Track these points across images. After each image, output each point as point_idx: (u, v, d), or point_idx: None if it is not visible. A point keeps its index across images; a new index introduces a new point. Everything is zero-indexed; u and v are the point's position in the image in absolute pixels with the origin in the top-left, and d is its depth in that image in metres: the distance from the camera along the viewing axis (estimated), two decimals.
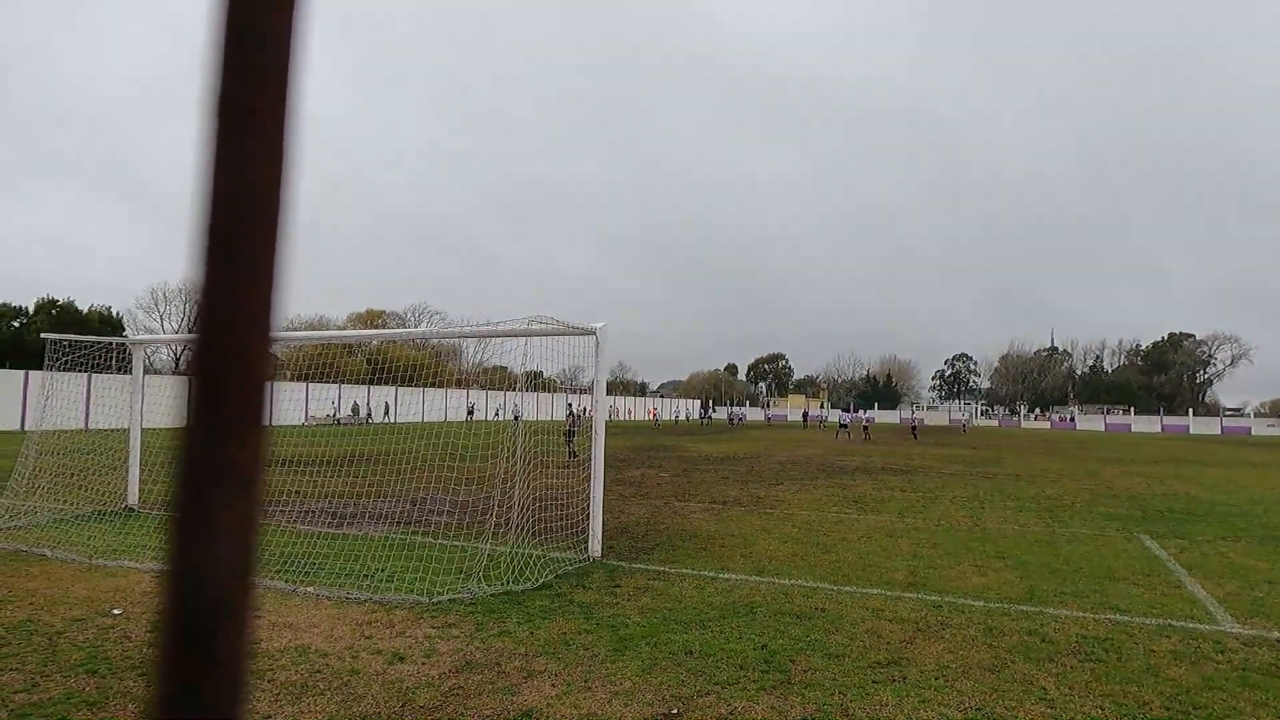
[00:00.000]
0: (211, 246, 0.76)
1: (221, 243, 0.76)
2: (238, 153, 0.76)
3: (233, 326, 0.76)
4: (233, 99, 0.76)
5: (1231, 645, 6.39)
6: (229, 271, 0.76)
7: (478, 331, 10.96)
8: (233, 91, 0.76)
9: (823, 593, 7.82)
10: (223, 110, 0.76)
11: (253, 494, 0.77)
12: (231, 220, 0.76)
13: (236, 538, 0.76)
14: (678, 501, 14.85)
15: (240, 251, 0.76)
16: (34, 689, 4.96)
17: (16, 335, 52.14)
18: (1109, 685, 5.43)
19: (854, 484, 18.93)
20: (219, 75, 0.76)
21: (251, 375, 0.77)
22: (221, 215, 0.76)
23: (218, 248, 0.76)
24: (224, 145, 0.76)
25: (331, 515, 11.87)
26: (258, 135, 0.77)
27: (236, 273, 0.76)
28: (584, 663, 5.65)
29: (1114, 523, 13.09)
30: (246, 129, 0.76)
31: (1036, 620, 7.01)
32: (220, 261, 0.76)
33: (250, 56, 0.76)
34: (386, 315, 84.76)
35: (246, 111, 0.76)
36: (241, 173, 0.76)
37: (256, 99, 0.77)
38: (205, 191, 0.76)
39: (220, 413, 0.76)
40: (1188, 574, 9.07)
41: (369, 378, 44.78)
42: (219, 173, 0.76)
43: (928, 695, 5.17)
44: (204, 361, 0.76)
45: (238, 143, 0.76)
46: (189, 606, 0.75)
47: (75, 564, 8.40)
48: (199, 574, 0.75)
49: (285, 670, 5.38)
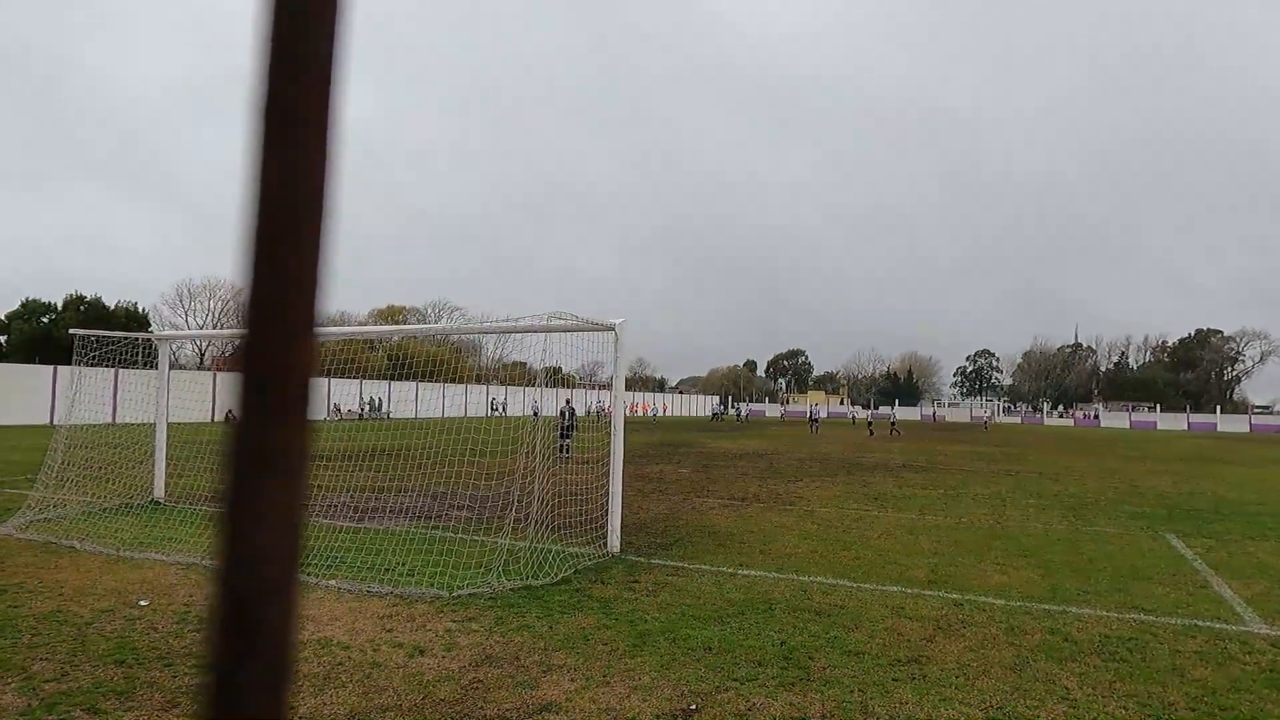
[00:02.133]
0: (261, 243, 0.78)
1: (270, 239, 0.79)
2: (285, 152, 0.79)
3: (281, 321, 0.79)
4: (280, 99, 0.79)
5: (1259, 646, 6.29)
6: (278, 267, 0.79)
7: (499, 327, 11.01)
8: (280, 92, 0.79)
9: (842, 589, 7.79)
10: (270, 111, 0.79)
11: (299, 481, 0.81)
12: (279, 217, 0.79)
13: (283, 522, 0.79)
14: (696, 497, 14.84)
15: (288, 247, 0.79)
16: (63, 678, 5.06)
17: (46, 331, 53.04)
18: (1133, 685, 5.36)
19: (874, 481, 18.83)
20: (266, 76, 0.79)
21: (298, 368, 0.80)
22: (270, 212, 0.79)
23: (267, 244, 0.79)
24: (271, 145, 0.79)
25: (353, 509, 11.98)
26: (304, 135, 0.79)
27: (285, 268, 0.79)
28: (603, 657, 5.67)
29: (1139, 521, 12.92)
30: (293, 128, 0.79)
31: (1059, 619, 6.94)
32: (269, 257, 0.79)
33: (297, 58, 0.79)
34: (407, 311, 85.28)
35: (293, 112, 0.79)
36: (289, 172, 0.79)
37: (302, 99, 0.79)
38: (254, 190, 0.79)
39: (268, 404, 0.79)
40: (1214, 573, 8.94)
41: (390, 373, 45.10)
42: (267, 172, 0.79)
43: (948, 693, 5.14)
44: (253, 355, 0.79)
45: (285, 142, 0.79)
46: (239, 587, 0.78)
47: (103, 556, 8.54)
48: (248, 556, 0.78)
49: (308, 663, 5.44)
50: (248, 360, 0.78)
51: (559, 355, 10.69)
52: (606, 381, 10.43)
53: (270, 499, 0.78)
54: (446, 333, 23.20)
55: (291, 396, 0.79)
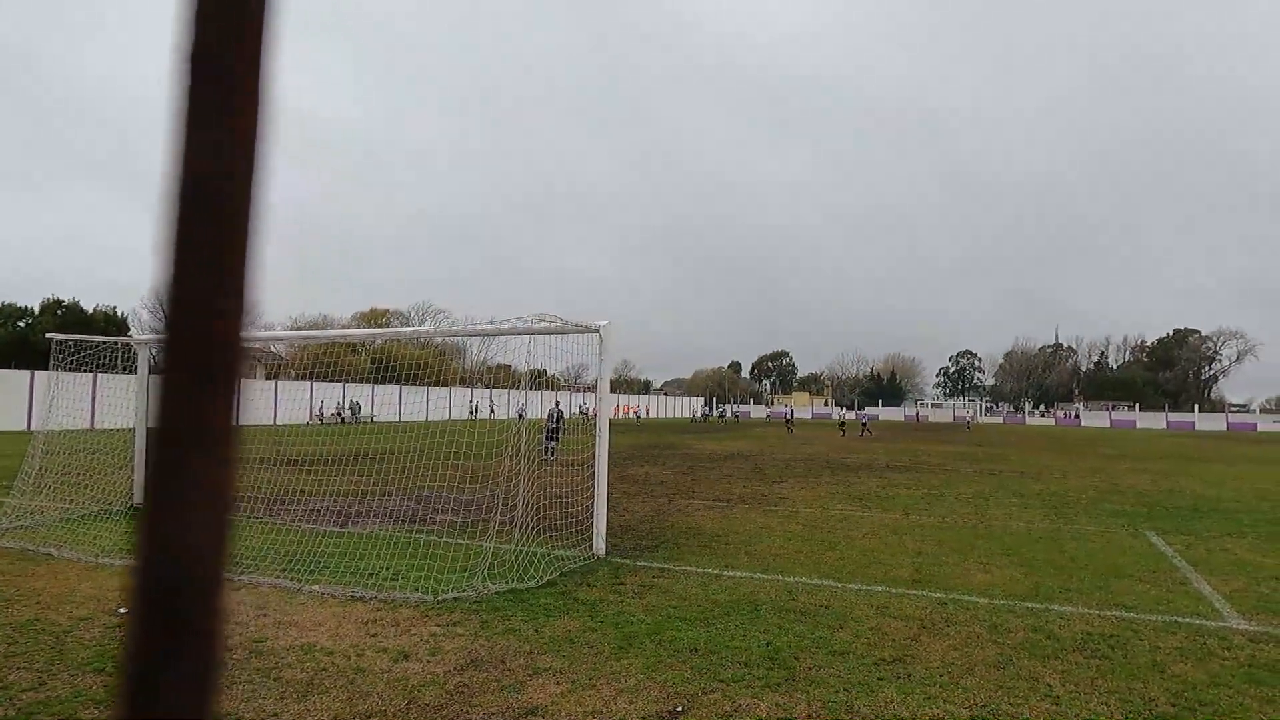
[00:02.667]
0: (186, 201, 0.73)
1: (197, 198, 0.73)
2: (214, 118, 0.74)
3: (208, 284, 0.73)
4: (209, 61, 0.74)
5: (1238, 641, 6.37)
6: (205, 227, 0.73)
7: (483, 330, 10.97)
8: (207, 46, 0.74)
9: (827, 590, 7.82)
10: (198, 73, 0.74)
11: (228, 462, 0.75)
12: (207, 176, 0.74)
13: (212, 506, 0.74)
14: (682, 499, 14.85)
15: (217, 206, 0.74)
16: (41, 687, 4.98)
17: (23, 335, 52.28)
18: (1114, 682, 5.42)
19: (858, 481, 18.92)
20: (193, 29, 0.74)
21: (226, 334, 0.74)
22: (197, 170, 0.73)
23: (193, 203, 0.73)
24: (199, 111, 0.74)
25: (336, 514, 11.89)
26: (235, 100, 0.74)
27: (212, 228, 0.74)
28: (589, 660, 5.66)
29: (1119, 519, 13.06)
30: (223, 94, 0.74)
31: (1042, 617, 6.99)
32: (196, 217, 0.73)
33: (227, 10, 0.74)
34: (391, 314, 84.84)
35: (222, 67, 0.74)
36: (217, 127, 0.74)
37: (233, 54, 0.74)
38: (179, 147, 0.73)
39: (194, 373, 0.73)
40: (1193, 570, 9.05)
41: (373, 376, 44.82)
42: (194, 139, 0.73)
43: (933, 692, 5.16)
44: (178, 329, 0.73)
45: (214, 108, 0.74)
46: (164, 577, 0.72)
47: (82, 563, 8.42)
48: (173, 536, 0.72)
49: (291, 669, 5.39)
50: (172, 334, 0.72)
51: (544, 358, 10.66)
52: (591, 384, 10.41)
53: (198, 481, 0.72)
54: (430, 335, 23.07)
55: (220, 372, 0.73)
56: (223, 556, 0.75)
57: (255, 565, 8.27)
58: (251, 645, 5.86)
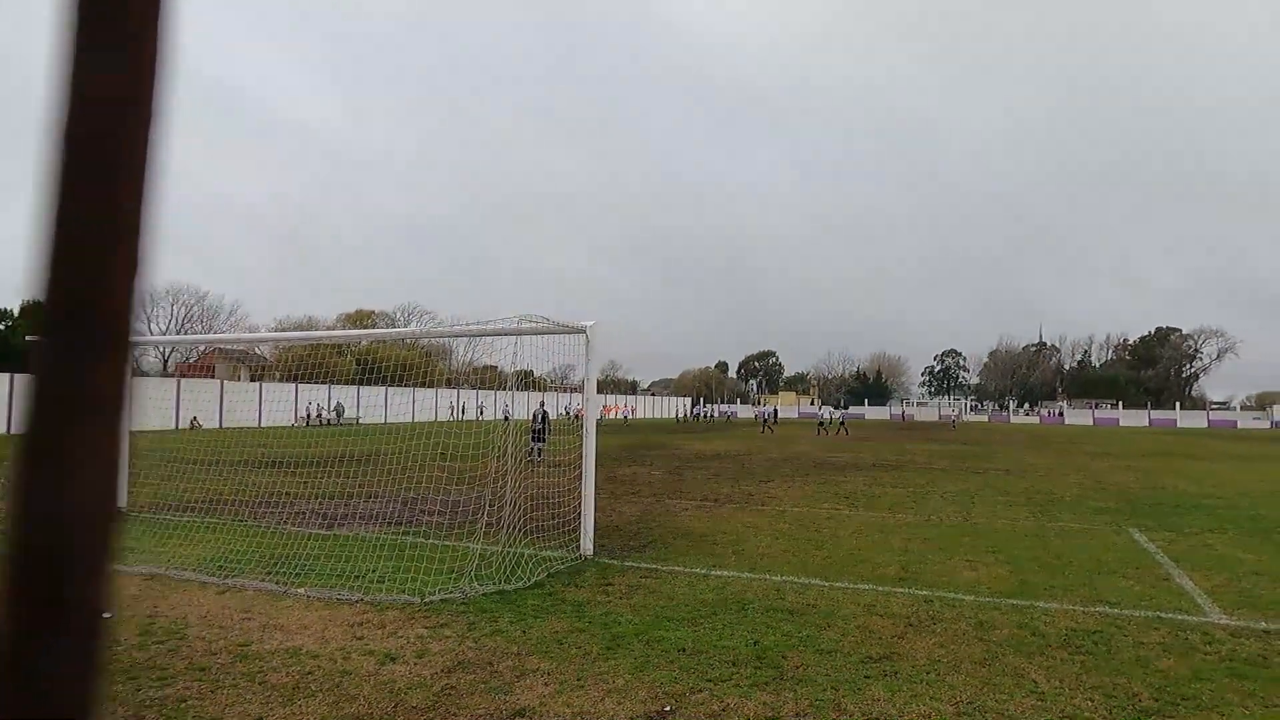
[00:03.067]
0: (70, 146, 0.65)
1: (82, 142, 0.65)
2: (102, 47, 0.65)
3: (94, 236, 0.66)
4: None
5: (1219, 636, 6.44)
6: (90, 174, 0.65)
7: (468, 331, 10.93)
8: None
9: (815, 589, 7.84)
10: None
11: (115, 428, 0.68)
12: (95, 118, 0.65)
13: (96, 468, 0.66)
14: (669, 499, 14.86)
15: (104, 153, 0.65)
16: None
17: (2, 338, 51.66)
18: (1099, 677, 5.46)
19: (845, 480, 18.99)
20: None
21: (115, 292, 0.66)
22: (83, 111, 0.65)
23: (78, 147, 0.65)
24: (89, 40, 0.65)
25: (322, 516, 11.82)
26: (130, 29, 0.65)
27: (99, 177, 0.65)
28: (577, 661, 5.65)
29: (1103, 516, 13.17)
30: (116, 22, 0.65)
31: (1027, 614, 7.04)
32: (80, 163, 0.65)
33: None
34: (376, 315, 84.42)
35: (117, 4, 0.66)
36: (107, 70, 0.65)
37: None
38: (64, 88, 0.64)
39: (79, 332, 0.65)
40: (1176, 566, 9.14)
41: (359, 378, 44.56)
42: (80, 69, 0.64)
43: (919, 689, 5.19)
44: (59, 278, 0.65)
45: (106, 38, 0.65)
46: (42, 544, 0.65)
47: None
48: (54, 508, 0.65)
49: (276, 672, 5.36)
50: (52, 282, 0.65)
51: (530, 358, 10.65)
52: (578, 384, 10.40)
53: (81, 448, 0.65)
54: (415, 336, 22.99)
55: (106, 332, 0.66)
56: (109, 525, 0.69)
57: (240, 568, 8.21)
58: (237, 649, 5.81)
